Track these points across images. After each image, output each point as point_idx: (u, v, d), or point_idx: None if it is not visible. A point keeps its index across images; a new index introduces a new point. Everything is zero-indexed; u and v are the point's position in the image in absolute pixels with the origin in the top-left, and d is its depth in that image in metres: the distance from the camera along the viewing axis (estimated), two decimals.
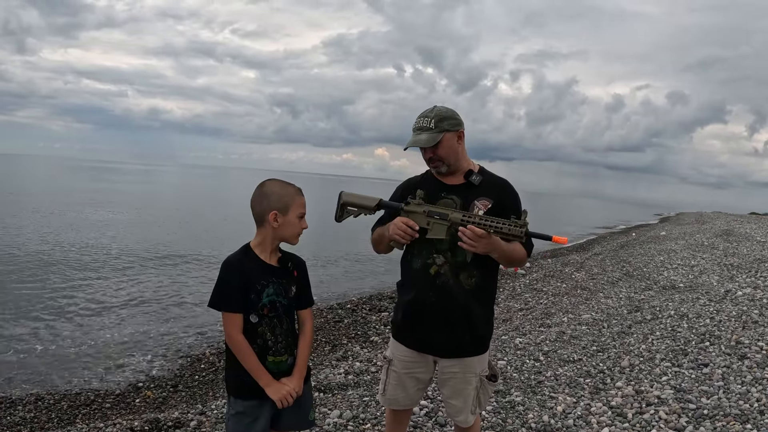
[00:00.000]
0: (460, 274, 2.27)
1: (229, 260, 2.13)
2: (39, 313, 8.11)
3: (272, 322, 2.14)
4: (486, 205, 2.28)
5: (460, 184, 2.35)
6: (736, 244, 13.53)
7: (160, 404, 5.21)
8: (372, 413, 3.96)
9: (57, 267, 11.41)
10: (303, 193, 2.23)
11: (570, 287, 9.64)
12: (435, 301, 2.28)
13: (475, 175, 2.34)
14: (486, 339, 2.39)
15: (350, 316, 8.58)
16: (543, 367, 4.99)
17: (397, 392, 2.46)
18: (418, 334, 2.36)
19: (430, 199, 2.31)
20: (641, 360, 4.91)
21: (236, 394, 2.16)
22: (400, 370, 2.43)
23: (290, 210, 2.14)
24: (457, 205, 2.29)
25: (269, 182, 2.20)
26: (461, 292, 2.27)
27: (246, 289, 2.08)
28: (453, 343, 2.30)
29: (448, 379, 2.37)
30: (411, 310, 2.36)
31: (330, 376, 5.23)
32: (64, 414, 4.97)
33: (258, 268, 2.13)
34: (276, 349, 2.15)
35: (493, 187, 2.34)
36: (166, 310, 8.83)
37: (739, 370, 4.43)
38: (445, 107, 2.33)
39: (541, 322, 6.88)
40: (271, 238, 2.16)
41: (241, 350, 2.08)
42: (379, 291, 10.79)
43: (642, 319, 6.46)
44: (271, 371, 2.13)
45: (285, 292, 2.18)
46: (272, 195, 2.14)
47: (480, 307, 2.31)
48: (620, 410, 3.83)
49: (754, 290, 7.40)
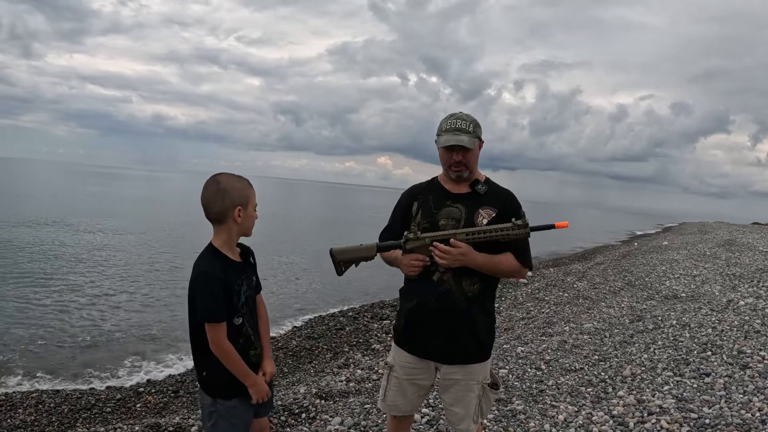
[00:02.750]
0: (463, 281, 2.27)
1: (206, 270, 2.06)
2: (40, 317, 8.13)
3: (249, 317, 2.19)
4: (490, 214, 2.28)
5: (465, 193, 2.35)
6: (739, 254, 13.50)
7: (161, 409, 5.21)
8: (373, 421, 3.96)
9: (58, 271, 11.44)
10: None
11: (572, 296, 9.63)
12: (438, 307, 2.28)
13: (481, 185, 2.34)
14: (488, 346, 2.38)
15: (352, 324, 8.57)
16: (545, 375, 4.98)
17: (397, 398, 2.47)
18: (420, 341, 2.36)
19: (435, 207, 2.32)
20: (643, 369, 4.90)
21: (224, 395, 2.17)
22: (401, 376, 2.43)
23: (249, 203, 2.14)
24: (462, 213, 2.29)
25: (223, 177, 2.12)
26: (464, 298, 2.27)
27: (229, 294, 2.08)
28: (455, 349, 2.30)
29: (450, 386, 2.37)
30: (413, 316, 2.36)
31: (331, 383, 5.22)
32: (65, 417, 4.98)
33: (231, 269, 2.12)
34: (254, 343, 2.21)
35: (497, 196, 2.35)
36: (166, 315, 8.85)
37: (740, 380, 4.42)
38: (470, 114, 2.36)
39: (543, 331, 6.87)
40: (235, 234, 2.15)
41: (231, 356, 2.09)
42: (381, 299, 10.78)
43: (644, 329, 6.45)
44: (253, 363, 2.19)
45: (252, 284, 2.23)
46: (233, 191, 2.09)
47: (482, 314, 2.31)
48: (622, 419, 3.82)
49: (756, 300, 7.39)
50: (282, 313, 9.15)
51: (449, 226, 2.28)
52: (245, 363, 2.13)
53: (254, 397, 2.17)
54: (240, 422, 2.21)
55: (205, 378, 2.19)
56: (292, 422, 4.06)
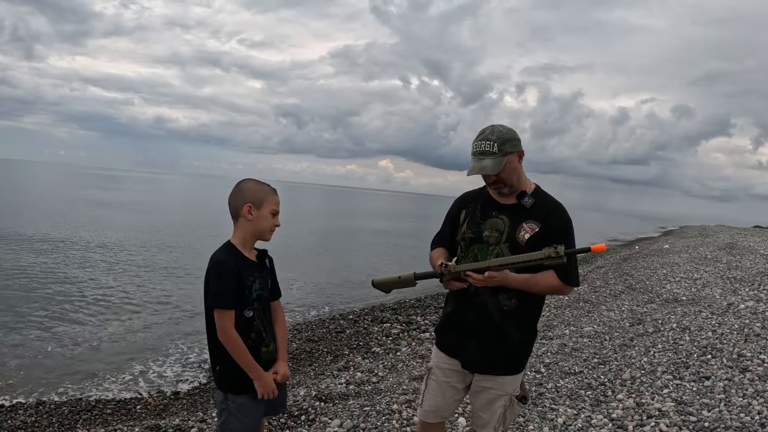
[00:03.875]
0: (500, 294, 2.26)
1: (221, 259, 2.20)
2: (41, 320, 8.14)
3: (261, 315, 2.26)
4: (533, 228, 2.25)
5: (511, 205, 2.32)
6: (740, 258, 13.50)
7: (161, 411, 5.22)
8: (372, 423, 3.96)
9: (58, 274, 11.46)
10: (278, 194, 2.34)
11: (572, 300, 9.62)
12: (472, 318, 2.31)
13: (528, 197, 2.30)
14: (521, 359, 2.37)
15: (352, 327, 8.58)
16: (544, 379, 4.99)
17: (435, 401, 2.47)
18: (455, 346, 2.40)
19: (481, 217, 2.33)
20: (643, 372, 4.90)
21: (235, 390, 2.24)
22: (440, 378, 2.45)
23: (264, 205, 2.25)
24: (506, 225, 2.28)
25: (245, 181, 2.31)
26: (499, 312, 2.27)
27: (240, 285, 2.18)
28: (486, 360, 2.32)
29: (479, 392, 2.39)
30: (450, 321, 2.41)
31: (331, 386, 5.23)
32: (65, 419, 4.99)
33: (245, 264, 2.24)
34: (266, 341, 2.28)
35: (543, 209, 2.30)
36: (167, 317, 8.86)
37: (740, 383, 4.42)
38: (503, 126, 2.26)
39: (543, 335, 6.87)
40: (250, 234, 2.27)
41: (237, 345, 2.16)
42: (382, 302, 10.78)
43: (644, 332, 6.45)
44: (265, 361, 2.26)
45: (266, 286, 2.31)
46: (247, 191, 2.26)
47: (517, 329, 2.29)
48: (621, 422, 3.82)
49: (756, 303, 7.38)
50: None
51: (493, 237, 2.28)
52: (256, 359, 2.20)
53: (259, 391, 2.21)
54: (250, 420, 2.27)
55: (218, 372, 2.26)
56: (292, 424, 4.07)
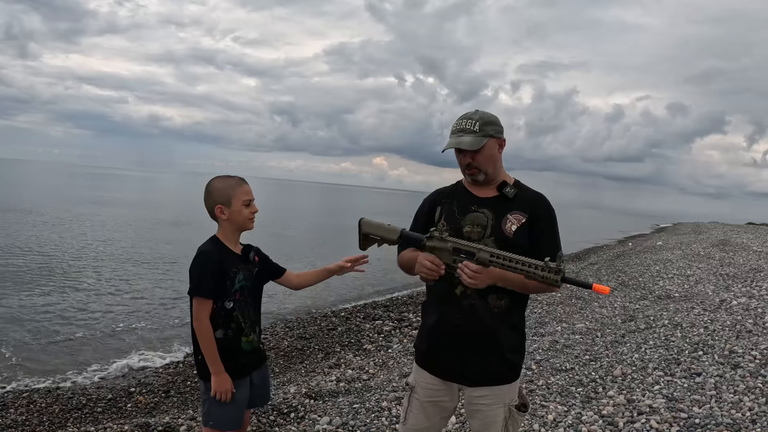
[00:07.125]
0: (489, 295, 2.08)
1: (204, 249, 2.28)
2: (31, 317, 8.08)
3: (242, 305, 2.31)
4: (519, 219, 2.10)
5: (492, 197, 2.15)
6: (733, 254, 13.55)
7: (151, 409, 5.18)
8: (361, 420, 3.94)
9: (49, 271, 11.38)
10: (246, 182, 2.37)
11: (564, 296, 9.62)
12: (461, 324, 2.10)
13: (509, 188, 2.15)
14: (516, 365, 2.20)
15: (344, 324, 8.55)
16: (535, 375, 4.98)
17: (419, 421, 2.27)
18: (443, 361, 2.18)
19: (459, 213, 2.15)
20: (634, 369, 4.90)
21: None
22: (423, 398, 2.24)
23: (233, 200, 2.30)
24: (489, 219, 2.11)
25: (212, 180, 2.37)
26: (489, 314, 2.08)
27: (221, 276, 2.24)
28: (481, 369, 2.12)
29: (476, 410, 2.17)
30: (434, 335, 2.18)
31: (321, 383, 5.21)
32: (56, 417, 4.94)
33: (228, 256, 2.30)
34: (246, 331, 2.33)
35: (527, 200, 2.15)
36: (158, 315, 8.81)
37: (731, 379, 4.43)
38: (488, 112, 2.14)
39: (534, 331, 6.86)
40: (230, 229, 2.34)
41: (207, 335, 2.21)
42: (374, 300, 10.76)
43: (636, 329, 6.45)
44: (245, 350, 2.32)
45: (251, 277, 2.37)
46: (215, 191, 2.32)
47: (510, 331, 2.14)
48: (611, 419, 3.82)
49: (749, 299, 7.41)
50: (274, 314, 9.13)
51: (474, 233, 2.09)
52: (236, 349, 2.28)
53: (213, 388, 2.24)
54: (231, 411, 2.29)
55: (200, 362, 2.29)
56: (281, 422, 4.05)
